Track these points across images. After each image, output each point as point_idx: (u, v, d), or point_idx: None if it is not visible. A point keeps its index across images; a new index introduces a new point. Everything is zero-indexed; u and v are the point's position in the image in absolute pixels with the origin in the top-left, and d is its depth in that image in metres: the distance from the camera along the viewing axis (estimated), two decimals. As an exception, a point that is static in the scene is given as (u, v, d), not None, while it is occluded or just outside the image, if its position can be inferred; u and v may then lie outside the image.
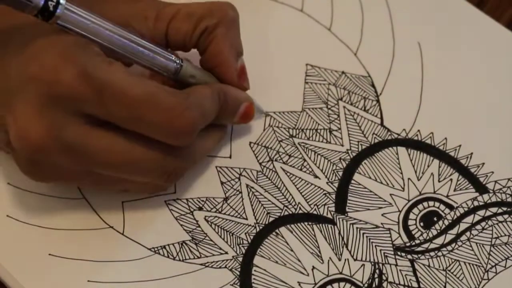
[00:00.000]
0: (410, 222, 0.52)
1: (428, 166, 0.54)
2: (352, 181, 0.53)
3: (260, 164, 0.54)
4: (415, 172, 0.53)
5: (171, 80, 0.50)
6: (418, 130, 0.55)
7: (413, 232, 0.52)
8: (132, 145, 0.46)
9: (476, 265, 0.51)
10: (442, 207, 0.52)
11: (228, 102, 0.51)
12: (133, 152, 0.46)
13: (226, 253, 0.51)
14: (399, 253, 0.51)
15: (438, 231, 0.52)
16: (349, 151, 0.54)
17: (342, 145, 0.54)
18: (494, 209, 0.52)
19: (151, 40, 0.49)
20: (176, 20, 0.50)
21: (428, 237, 0.51)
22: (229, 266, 0.50)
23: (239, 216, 0.52)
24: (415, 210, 0.52)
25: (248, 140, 0.54)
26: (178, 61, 0.49)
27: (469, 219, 0.52)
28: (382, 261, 0.51)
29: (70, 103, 0.44)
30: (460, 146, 0.54)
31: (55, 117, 0.44)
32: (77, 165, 0.46)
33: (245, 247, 0.51)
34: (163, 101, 0.45)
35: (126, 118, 0.45)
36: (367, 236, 0.51)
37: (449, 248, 0.51)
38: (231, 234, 0.51)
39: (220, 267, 0.50)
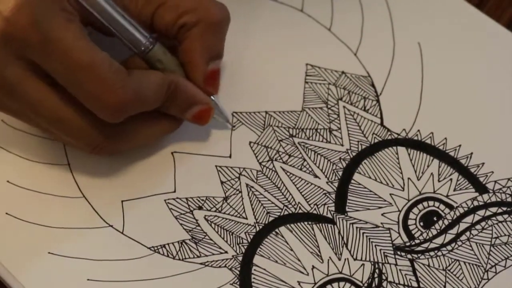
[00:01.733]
0: (410, 222, 0.52)
1: (428, 166, 0.54)
2: (352, 181, 0.53)
3: (260, 163, 0.54)
4: (415, 172, 0.53)
5: (145, 62, 0.51)
6: (418, 130, 0.55)
7: (413, 232, 0.52)
8: (63, 106, 0.48)
9: (476, 265, 0.51)
10: (442, 207, 0.52)
11: (177, 96, 0.51)
12: (62, 112, 0.48)
13: (226, 252, 0.51)
14: (399, 252, 0.51)
15: (438, 231, 0.52)
16: (349, 151, 0.54)
17: (342, 145, 0.54)
18: (494, 209, 0.52)
19: (135, 18, 0.50)
20: (162, 8, 0.51)
21: (428, 237, 0.51)
22: (229, 266, 0.50)
23: (239, 215, 0.52)
24: (415, 210, 0.52)
25: (248, 140, 0.54)
26: (150, 42, 0.50)
27: (469, 219, 0.52)
28: (382, 260, 0.51)
29: (18, 46, 0.46)
30: (460, 146, 0.54)
31: (1, 54, 0.46)
32: (13, 104, 0.48)
33: (245, 247, 0.51)
34: (100, 72, 0.46)
35: (63, 77, 0.47)
36: (367, 236, 0.51)
37: (449, 247, 0.51)
38: (231, 233, 0.51)
39: (220, 267, 0.50)
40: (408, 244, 0.51)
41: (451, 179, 0.53)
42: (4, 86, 0.47)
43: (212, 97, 0.53)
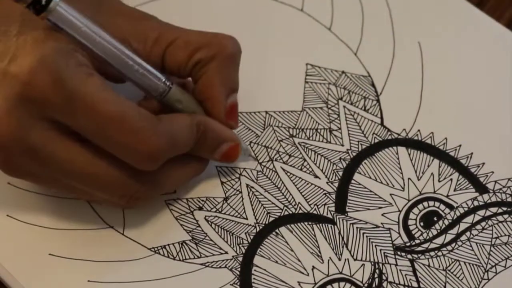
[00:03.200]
0: (410, 222, 0.52)
1: (428, 166, 0.54)
2: (352, 181, 0.53)
3: (260, 164, 0.54)
4: (415, 172, 0.53)
5: (159, 103, 0.50)
6: (418, 130, 0.55)
7: (413, 232, 0.52)
8: (95, 160, 0.46)
9: (476, 265, 0.51)
10: (442, 207, 0.52)
11: (207, 136, 0.50)
12: (94, 167, 0.46)
13: (226, 253, 0.51)
14: (399, 253, 0.51)
15: (438, 231, 0.52)
16: (349, 151, 0.54)
17: (342, 145, 0.54)
18: (494, 209, 0.52)
19: (146, 60, 0.49)
20: (173, 46, 0.50)
21: (428, 237, 0.51)
22: (229, 266, 0.50)
23: (239, 216, 0.52)
24: (415, 210, 0.52)
25: (248, 140, 0.54)
26: (167, 83, 0.49)
27: (469, 219, 0.52)
28: (382, 261, 0.51)
29: (40, 107, 0.45)
30: (460, 146, 0.54)
31: (22, 119, 0.45)
32: (39, 169, 0.46)
33: (245, 247, 0.51)
34: (132, 122, 0.45)
35: (93, 132, 0.45)
36: (367, 236, 0.51)
37: (449, 248, 0.51)
38: (231, 234, 0.51)
39: (220, 267, 0.50)
40: (408, 244, 0.51)
41: (451, 179, 0.53)
42: (28, 151, 0.45)
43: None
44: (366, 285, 0.50)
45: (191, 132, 0.48)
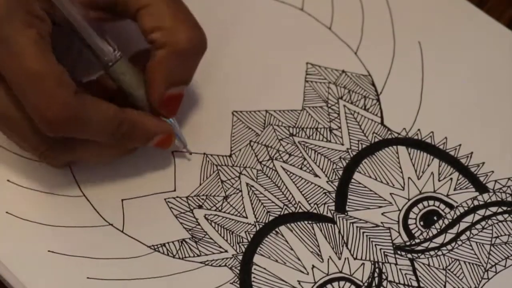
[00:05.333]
0: (410, 221, 0.52)
1: (428, 165, 0.54)
2: (352, 180, 0.53)
3: (260, 162, 0.54)
4: (415, 171, 0.53)
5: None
6: (418, 129, 0.55)
7: (413, 231, 0.52)
8: (13, 105, 0.47)
9: (476, 264, 0.51)
10: (442, 206, 0.52)
11: (135, 133, 0.49)
12: (12, 111, 0.47)
13: (226, 251, 0.51)
14: (399, 252, 0.51)
15: (438, 230, 0.52)
16: (349, 150, 0.54)
17: (342, 144, 0.54)
18: (494, 209, 0.52)
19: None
20: (144, 10, 0.49)
21: (428, 236, 0.51)
22: (229, 265, 0.50)
23: (239, 214, 0.52)
24: (415, 209, 0.52)
25: (248, 139, 0.54)
26: (116, 54, 0.49)
27: (469, 219, 0.52)
28: (382, 260, 0.51)
29: None
30: (460, 145, 0.54)
31: None
32: None
33: (245, 246, 0.51)
34: (46, 85, 0.46)
35: (10, 79, 0.46)
36: (367, 235, 0.51)
37: (449, 247, 0.51)
38: (231, 232, 0.51)
39: (220, 266, 0.50)
40: (408, 243, 0.51)
41: (451, 179, 0.53)
42: None
43: (170, 120, 0.52)
44: (366, 284, 0.50)
45: (109, 124, 0.48)
